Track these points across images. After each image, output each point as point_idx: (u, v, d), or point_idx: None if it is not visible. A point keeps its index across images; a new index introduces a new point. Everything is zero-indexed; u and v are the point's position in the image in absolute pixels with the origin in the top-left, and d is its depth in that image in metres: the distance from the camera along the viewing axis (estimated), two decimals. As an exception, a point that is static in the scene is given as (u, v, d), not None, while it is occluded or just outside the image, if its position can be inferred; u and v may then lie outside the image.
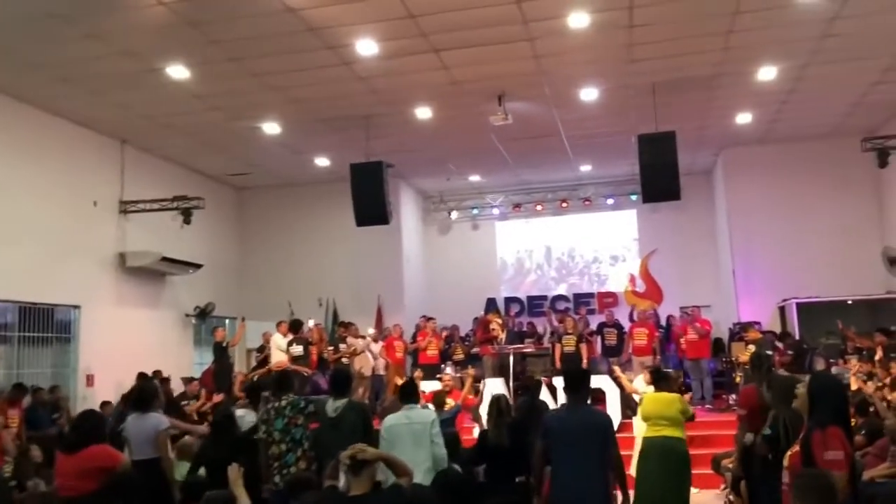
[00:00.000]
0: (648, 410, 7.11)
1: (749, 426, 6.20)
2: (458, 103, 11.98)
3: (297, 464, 6.09)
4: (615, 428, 10.80)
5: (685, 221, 17.48)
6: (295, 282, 16.68)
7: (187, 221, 13.06)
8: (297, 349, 12.18)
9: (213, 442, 6.45)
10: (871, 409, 8.12)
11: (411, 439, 5.85)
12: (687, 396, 8.77)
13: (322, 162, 15.22)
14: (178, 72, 10.27)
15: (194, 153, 14.31)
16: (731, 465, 7.90)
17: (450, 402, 8.11)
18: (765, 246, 15.15)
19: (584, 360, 12.81)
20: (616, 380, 9.91)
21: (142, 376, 11.61)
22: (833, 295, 13.76)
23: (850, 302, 13.79)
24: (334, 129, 12.99)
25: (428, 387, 11.10)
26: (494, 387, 11.31)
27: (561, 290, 18.55)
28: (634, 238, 18.33)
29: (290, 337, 12.43)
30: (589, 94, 11.89)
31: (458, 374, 13.34)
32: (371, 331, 13.36)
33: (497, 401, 6.34)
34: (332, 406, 6.05)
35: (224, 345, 12.59)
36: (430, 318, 14.13)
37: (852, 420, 8.19)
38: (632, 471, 7.48)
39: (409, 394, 6.13)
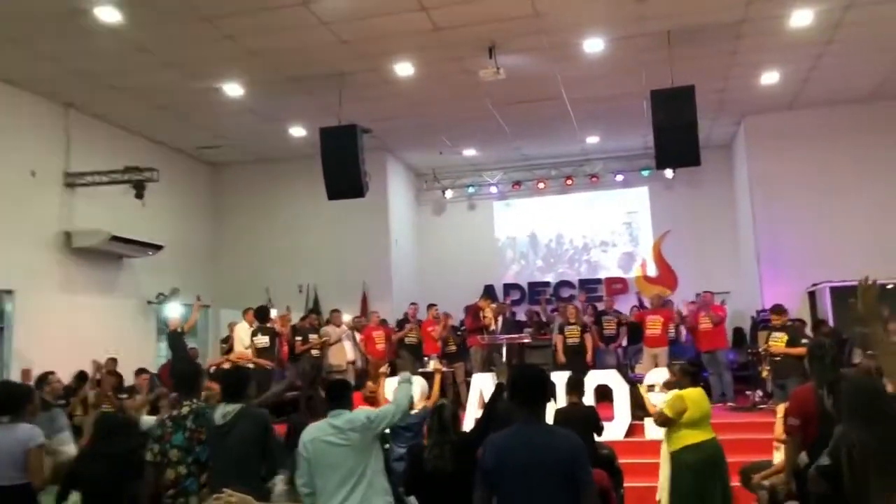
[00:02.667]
0: (703, 410, 6.14)
1: (804, 441, 4.70)
2: (442, 56, 10.41)
3: (200, 492, 4.61)
4: (624, 432, 9.47)
5: (702, 200, 15.95)
6: (273, 266, 15.25)
7: (139, 196, 11.54)
8: (263, 340, 10.77)
9: (90, 455, 4.98)
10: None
11: (340, 455, 4.37)
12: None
13: (297, 132, 13.70)
14: (108, 14, 8.74)
15: (152, 121, 12.79)
16: (767, 484, 6.40)
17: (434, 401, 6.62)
18: (792, 225, 13.53)
19: (590, 353, 11.36)
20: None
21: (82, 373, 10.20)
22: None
23: (889, 286, 12.18)
24: (305, 90, 11.45)
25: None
26: (483, 383, 9.87)
27: (567, 275, 16.98)
28: (646, 218, 16.72)
29: (256, 326, 11.01)
30: (594, 45, 10.30)
31: (450, 368, 11.97)
32: (346, 318, 11.80)
33: (439, 412, 4.84)
34: (222, 412, 4.59)
35: (179, 331, 11.14)
36: (432, 305, 12.62)
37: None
38: (662, 494, 6.43)
39: (337, 396, 4.61)
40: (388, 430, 6.91)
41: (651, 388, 7.72)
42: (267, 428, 4.70)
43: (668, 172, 15.66)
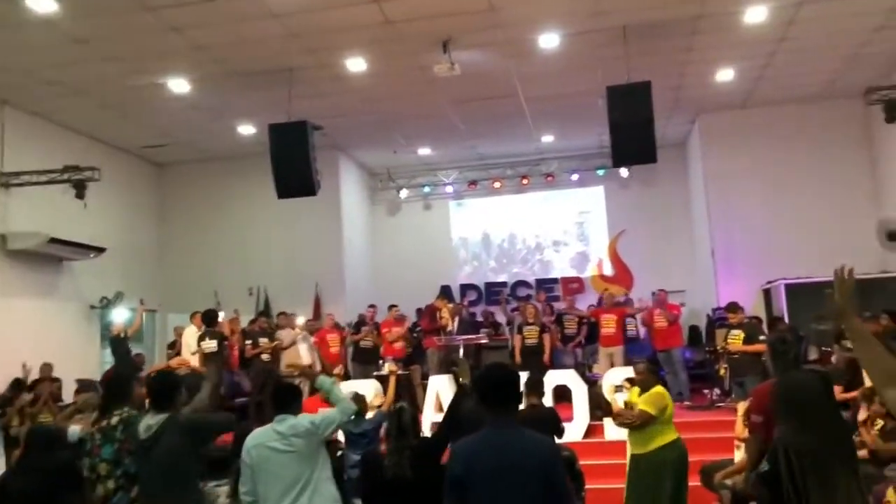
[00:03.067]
0: (672, 407, 6.10)
1: (766, 439, 4.54)
2: (395, 51, 10.15)
3: (131, 508, 4.28)
4: (583, 433, 9.31)
5: (657, 198, 15.96)
6: (222, 269, 14.81)
7: (80, 196, 11.04)
8: (210, 344, 10.35)
9: (22, 469, 4.62)
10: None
11: (284, 462, 4.13)
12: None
13: (246, 129, 13.29)
14: (41, 4, 8.29)
15: (95, 119, 12.27)
16: (729, 483, 6.28)
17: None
18: (747, 223, 13.59)
19: (547, 353, 11.19)
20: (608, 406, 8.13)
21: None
22: (823, 275, 12.22)
23: (827, 291, 12.25)
24: (253, 86, 11.08)
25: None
26: (440, 385, 9.64)
27: (522, 275, 16.84)
28: (601, 217, 16.66)
29: (204, 330, 10.61)
30: (549, 40, 10.14)
31: (405, 371, 11.70)
32: (300, 320, 11.44)
33: (398, 416, 4.60)
34: (146, 424, 4.23)
35: (122, 336, 10.67)
36: (393, 306, 12.32)
37: (881, 423, 6.61)
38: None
39: (283, 401, 4.33)
40: (342, 437, 6.68)
41: (619, 388, 7.56)
42: (196, 438, 4.31)
43: (624, 171, 15.66)
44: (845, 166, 13.34)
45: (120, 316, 12.21)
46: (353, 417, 6.35)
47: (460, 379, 5.47)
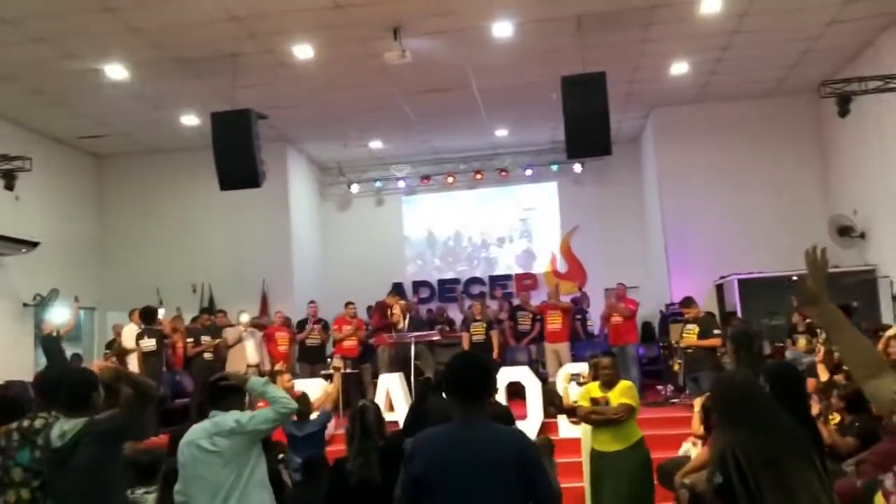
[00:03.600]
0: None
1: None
2: (345, 37, 9.79)
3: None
4: (537, 430, 9.04)
5: (611, 194, 15.86)
6: (165, 265, 14.26)
7: (9, 187, 10.45)
8: (149, 343, 9.87)
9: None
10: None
11: (210, 463, 3.80)
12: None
13: (189, 120, 12.78)
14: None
15: (26, 106, 11.62)
16: (688, 482, 6.08)
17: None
18: (700, 218, 13.53)
19: (496, 350, 10.94)
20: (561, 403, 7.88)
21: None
22: (775, 270, 12.24)
23: (794, 278, 12.27)
24: (195, 73, 10.62)
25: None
26: (391, 384, 9.32)
27: (475, 272, 16.61)
28: (555, 213, 16.52)
29: (143, 328, 10.12)
30: (503, 28, 9.90)
31: (355, 370, 11.39)
32: (244, 317, 10.97)
33: (360, 415, 4.28)
34: (59, 430, 3.76)
35: (54, 335, 10.12)
36: (350, 302, 11.91)
37: (837, 418, 6.50)
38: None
39: (215, 397, 3.99)
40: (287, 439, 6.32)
41: (575, 377, 7.36)
42: (116, 446, 3.89)
43: (577, 167, 15.57)
44: (798, 162, 13.38)
45: (61, 315, 11.62)
46: (295, 418, 6.02)
47: (424, 373, 5.15)
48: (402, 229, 16.89)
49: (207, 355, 10.39)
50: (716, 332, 9.08)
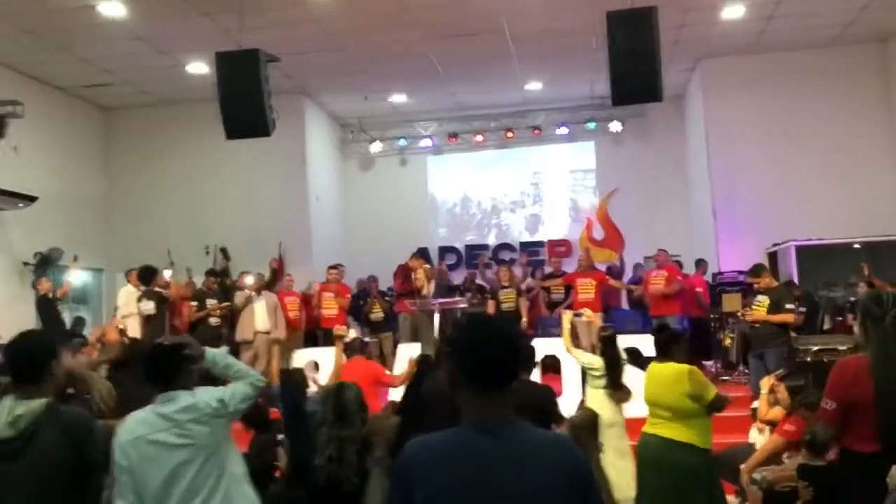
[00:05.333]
0: (648, 393, 4.99)
1: (839, 432, 3.34)
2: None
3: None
4: (575, 410, 8.08)
5: (652, 155, 14.77)
6: (177, 225, 13.44)
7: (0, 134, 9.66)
8: (148, 306, 9.11)
9: None
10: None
11: (178, 460, 2.91)
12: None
13: (198, 68, 11.84)
14: None
15: (20, 48, 10.72)
16: (759, 478, 5.13)
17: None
18: (751, 180, 12.40)
19: (525, 321, 10.03)
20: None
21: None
22: (837, 237, 11.15)
23: (856, 245, 11.19)
24: (200, 11, 9.67)
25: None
26: (412, 356, 8.40)
27: (506, 237, 15.66)
28: (591, 175, 15.46)
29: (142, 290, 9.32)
30: (541, -41, 8.82)
31: (374, 339, 10.52)
32: (249, 280, 10.06)
33: (336, 395, 3.36)
34: (10, 413, 2.84)
35: (49, 297, 9.36)
36: (335, 266, 11.00)
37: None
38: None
39: (165, 369, 3.05)
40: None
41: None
42: (89, 435, 2.99)
43: (616, 125, 14.51)
44: (862, 119, 12.17)
45: (76, 278, 10.86)
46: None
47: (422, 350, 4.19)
48: (427, 191, 15.94)
49: (213, 320, 9.55)
50: (788, 306, 7.96)
